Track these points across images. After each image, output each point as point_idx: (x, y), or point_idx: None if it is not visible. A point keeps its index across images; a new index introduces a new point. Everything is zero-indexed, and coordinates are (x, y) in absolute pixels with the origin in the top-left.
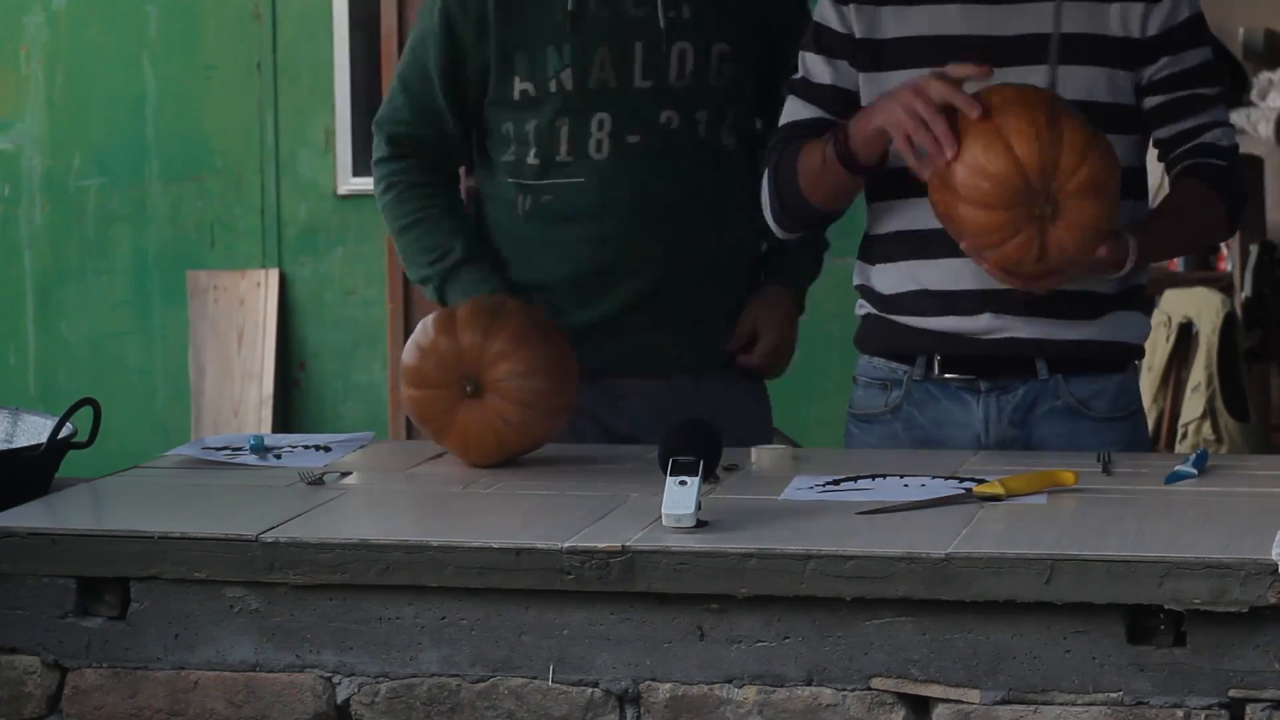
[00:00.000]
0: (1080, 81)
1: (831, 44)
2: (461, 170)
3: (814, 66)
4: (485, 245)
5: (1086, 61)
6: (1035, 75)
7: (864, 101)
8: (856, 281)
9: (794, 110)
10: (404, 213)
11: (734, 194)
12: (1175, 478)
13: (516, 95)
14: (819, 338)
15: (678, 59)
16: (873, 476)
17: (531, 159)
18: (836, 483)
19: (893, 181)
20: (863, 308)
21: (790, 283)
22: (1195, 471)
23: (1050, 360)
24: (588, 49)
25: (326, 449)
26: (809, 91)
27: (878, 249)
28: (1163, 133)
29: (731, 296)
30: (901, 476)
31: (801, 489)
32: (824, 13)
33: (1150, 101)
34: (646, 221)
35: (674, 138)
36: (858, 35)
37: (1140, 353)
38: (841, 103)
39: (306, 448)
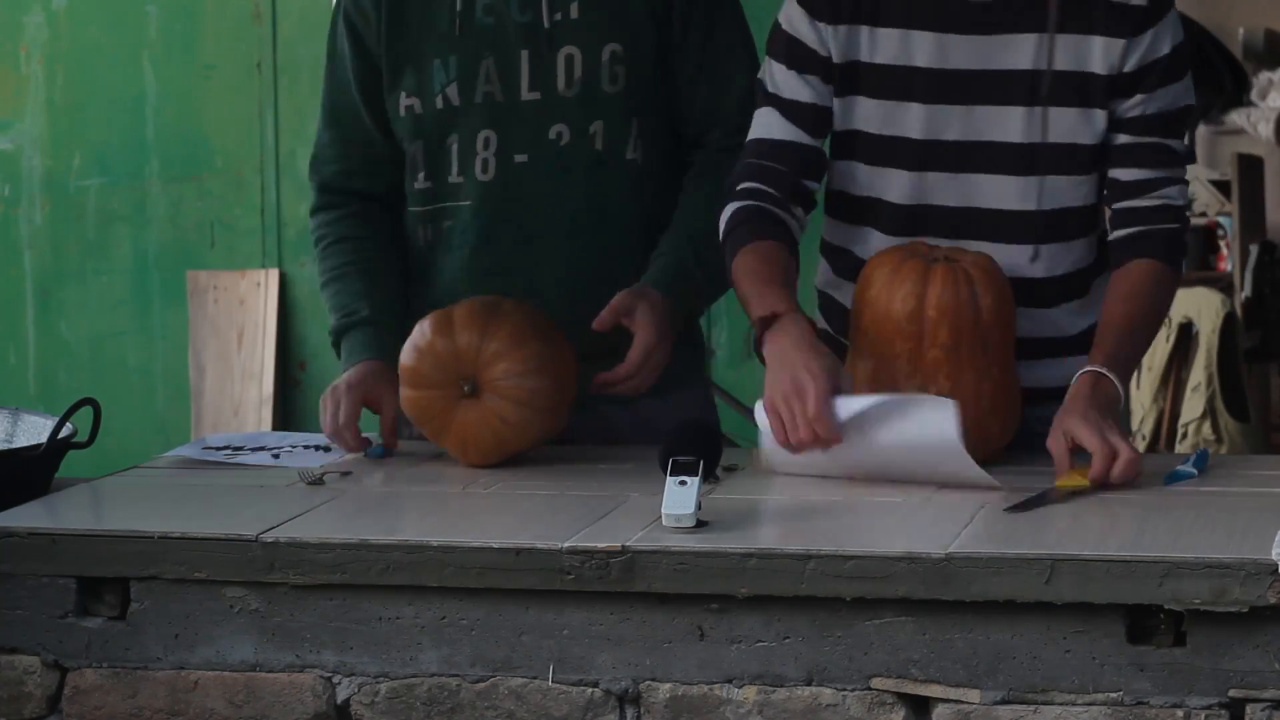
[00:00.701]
0: (1065, 124)
1: (804, 60)
2: None
3: (785, 81)
4: (413, 294)
5: (1071, 103)
6: (1012, 116)
7: (837, 123)
8: (819, 283)
9: (768, 124)
10: (325, 269)
11: (646, 213)
12: (1175, 478)
13: (403, 112)
14: None
15: (565, 65)
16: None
17: (422, 182)
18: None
19: (850, 209)
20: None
21: (665, 290)
22: (1195, 471)
23: (1029, 401)
24: (473, 61)
25: (327, 449)
26: (785, 108)
27: (844, 263)
28: (1123, 174)
29: None
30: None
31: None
32: (795, 24)
33: (1118, 139)
34: (539, 249)
35: (566, 154)
36: (835, 60)
37: None
38: (819, 121)
39: (306, 448)
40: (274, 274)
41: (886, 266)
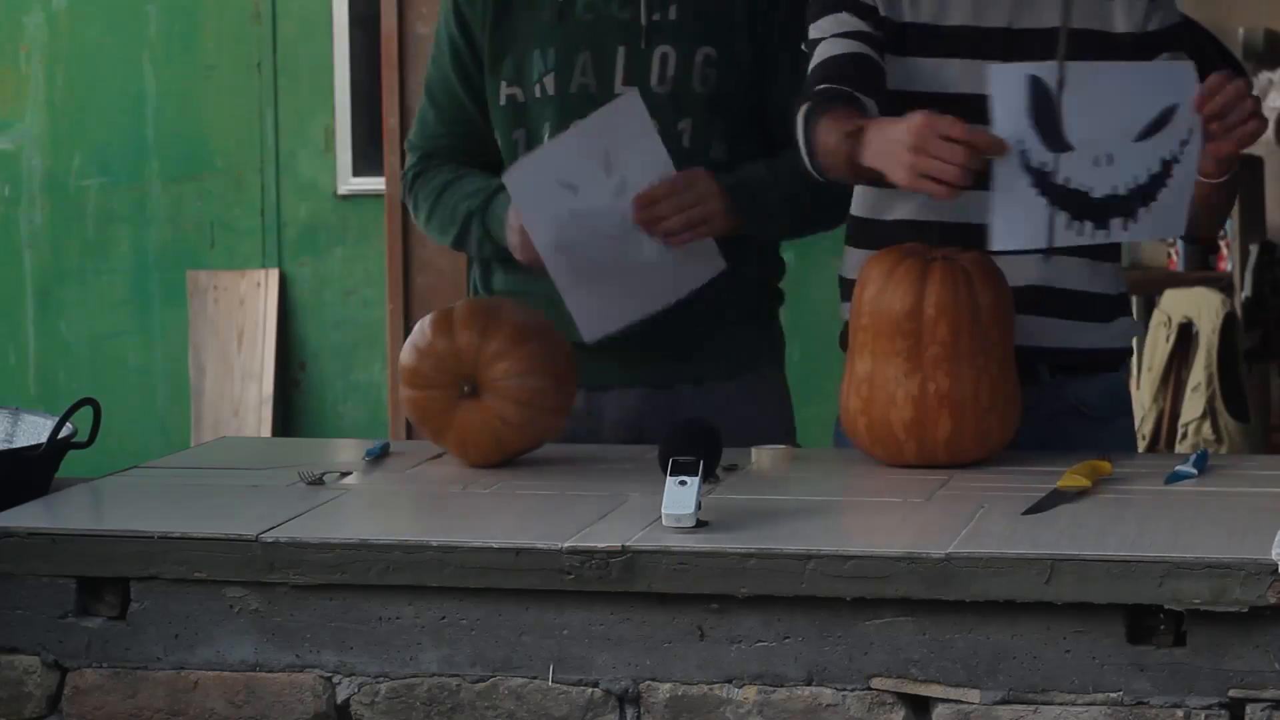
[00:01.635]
0: None
1: (853, 5)
2: None
3: (837, 20)
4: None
5: (1089, 59)
6: (1043, 71)
7: (889, 83)
8: (848, 275)
9: (831, 47)
10: (433, 187)
11: None
12: (1175, 478)
13: (504, 100)
14: (819, 338)
15: (659, 63)
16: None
17: None
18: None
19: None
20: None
21: (725, 185)
22: (1195, 472)
23: (1051, 366)
24: (571, 53)
25: None
26: (839, 34)
27: (873, 235)
28: None
29: (732, 311)
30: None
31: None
32: None
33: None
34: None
35: None
36: (881, 11)
37: (1129, 354)
38: (873, 43)
39: None
40: (274, 274)
41: (884, 265)
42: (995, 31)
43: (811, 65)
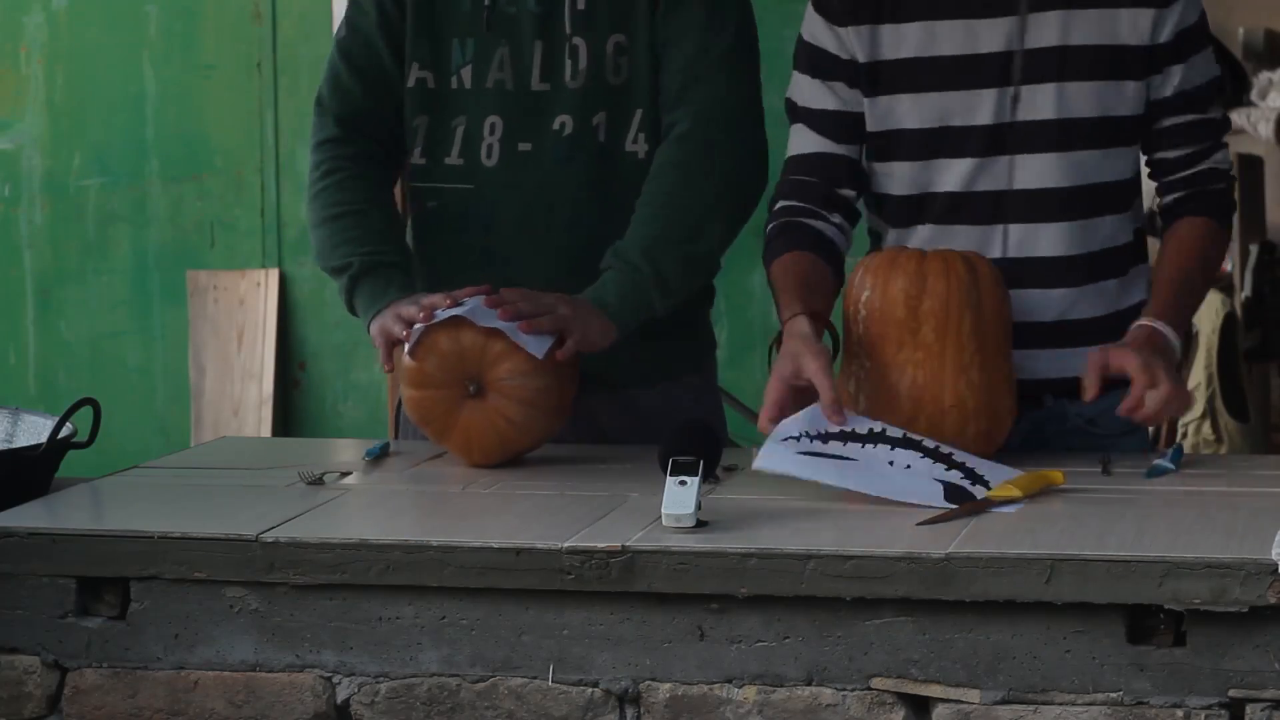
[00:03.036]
0: (1092, 97)
1: (827, 67)
2: None
3: (810, 91)
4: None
5: (1098, 76)
6: (1041, 93)
7: (869, 125)
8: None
9: (798, 140)
10: (337, 200)
11: None
12: (1155, 472)
13: (413, 82)
14: None
15: (571, 57)
16: (862, 443)
17: (417, 157)
18: (825, 439)
19: (897, 210)
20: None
21: (610, 312)
22: (1173, 466)
23: (1055, 392)
24: (490, 47)
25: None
26: (811, 120)
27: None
28: (1169, 154)
29: (653, 321)
30: (891, 447)
31: (785, 440)
32: (816, 33)
33: (1163, 122)
34: (539, 237)
35: (569, 145)
36: (861, 60)
37: None
38: (847, 128)
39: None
40: (274, 274)
41: (881, 262)
42: (993, 57)
43: (788, 146)
